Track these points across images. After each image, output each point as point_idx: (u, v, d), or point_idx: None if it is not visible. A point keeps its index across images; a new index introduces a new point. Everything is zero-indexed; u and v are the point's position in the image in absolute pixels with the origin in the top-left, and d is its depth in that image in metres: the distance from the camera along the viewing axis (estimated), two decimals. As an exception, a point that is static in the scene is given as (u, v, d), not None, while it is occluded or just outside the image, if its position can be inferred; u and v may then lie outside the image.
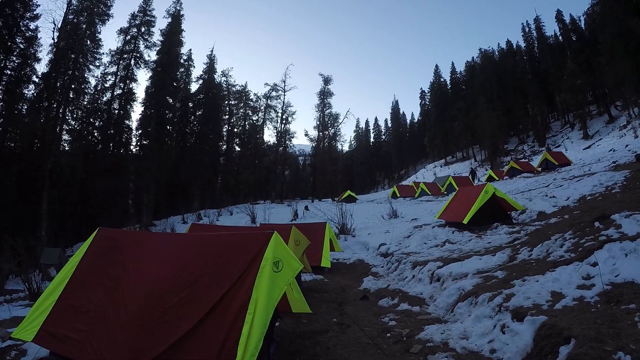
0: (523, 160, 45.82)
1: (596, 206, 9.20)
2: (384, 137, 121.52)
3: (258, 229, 6.58)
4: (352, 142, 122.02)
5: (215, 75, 52.95)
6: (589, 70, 55.42)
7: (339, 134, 58.64)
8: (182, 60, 48.01)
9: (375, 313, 6.55)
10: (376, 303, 7.26)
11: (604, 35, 44.34)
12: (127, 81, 40.31)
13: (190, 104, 49.73)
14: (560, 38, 68.27)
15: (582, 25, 64.09)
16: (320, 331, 5.59)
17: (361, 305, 7.15)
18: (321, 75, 54.69)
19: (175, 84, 45.44)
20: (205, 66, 52.62)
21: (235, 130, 55.98)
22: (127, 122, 40.62)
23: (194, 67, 51.06)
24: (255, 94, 57.07)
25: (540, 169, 31.27)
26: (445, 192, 32.94)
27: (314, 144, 54.22)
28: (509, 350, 4.09)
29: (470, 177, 39.02)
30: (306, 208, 29.37)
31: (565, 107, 63.30)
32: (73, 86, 35.91)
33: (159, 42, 43.28)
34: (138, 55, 41.39)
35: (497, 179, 32.71)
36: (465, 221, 11.44)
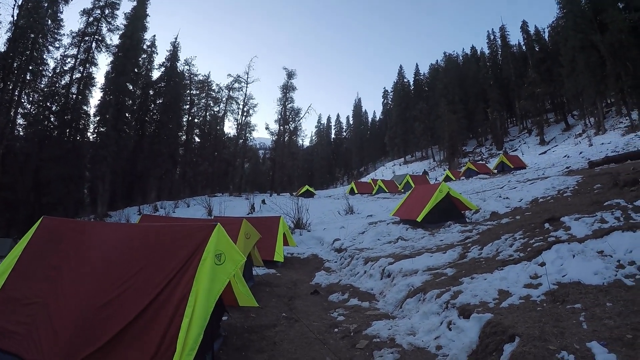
0: (480, 162, 47.45)
1: (547, 208, 9.48)
2: (345, 134, 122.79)
3: (208, 222, 6.46)
4: (313, 138, 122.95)
5: (178, 64, 51.38)
6: (549, 79, 58.64)
7: (300, 129, 58.94)
8: (145, 46, 46.31)
9: (325, 308, 6.54)
10: (326, 298, 7.24)
11: (566, 48, 47.17)
12: (87, 65, 38.36)
13: (151, 92, 47.98)
14: (523, 47, 71.89)
15: (546, 37, 68.31)
16: (268, 326, 5.53)
17: (311, 300, 7.14)
18: (285, 69, 54.41)
19: (136, 70, 43.80)
20: (168, 53, 51.01)
21: (196, 120, 54.66)
22: (85, 107, 38.73)
23: (157, 54, 49.61)
24: (217, 85, 55.89)
25: (496, 171, 32.41)
26: (402, 190, 33.57)
27: (274, 138, 53.72)
28: (454, 347, 4.09)
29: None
30: (263, 202, 29.33)
31: (524, 114, 66.69)
32: (30, 67, 34.03)
33: (122, 26, 41.46)
34: (100, 38, 39.44)
35: (454, 179, 33.64)
36: (419, 219, 11.63)
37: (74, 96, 37.92)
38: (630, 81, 37.15)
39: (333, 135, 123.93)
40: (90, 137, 40.34)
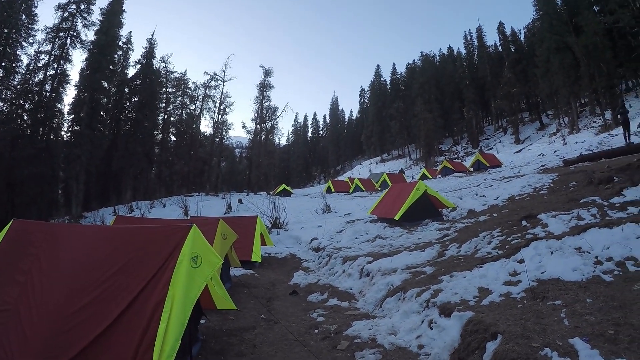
0: (456, 160, 48.13)
1: (524, 206, 9.67)
2: (321, 132, 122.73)
3: (184, 222, 6.38)
4: (290, 136, 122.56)
5: (154, 61, 50.06)
6: (524, 80, 60.26)
7: (277, 128, 58.28)
8: (120, 43, 44.94)
9: (304, 309, 6.52)
10: (305, 298, 7.21)
11: (542, 49, 48.45)
12: (62, 61, 36.97)
13: (126, 90, 46.72)
14: (499, 48, 73.58)
15: (522, 38, 70.13)
16: (247, 328, 5.48)
17: (290, 301, 7.12)
18: (262, 67, 53.83)
19: (111, 67, 42.56)
20: (144, 50, 49.57)
21: (172, 119, 53.59)
22: (59, 105, 37.37)
23: (133, 50, 48.28)
24: (194, 83, 54.88)
25: (472, 169, 32.91)
26: (379, 189, 33.73)
27: (251, 137, 53.27)
28: (436, 346, 4.09)
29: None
30: (240, 201, 29.06)
31: (499, 113, 68.46)
32: (3, 64, 32.80)
33: (98, 22, 40.14)
34: (75, 34, 38.07)
35: (430, 177, 33.95)
36: (396, 217, 11.68)
37: (48, 94, 36.67)
38: (603, 82, 38.44)
39: (310, 134, 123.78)
40: (64, 136, 39.28)
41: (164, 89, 52.01)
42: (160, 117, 51.32)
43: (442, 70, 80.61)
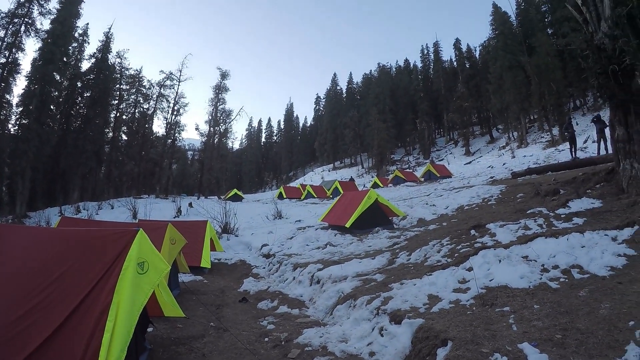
0: (407, 170, 49.45)
1: (473, 215, 10.01)
2: (275, 138, 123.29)
3: (131, 226, 6.16)
4: (243, 141, 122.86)
5: (109, 55, 48.33)
6: (477, 95, 63.87)
7: (231, 131, 57.78)
8: (76, 34, 43.12)
9: (254, 316, 6.47)
10: (255, 306, 7.16)
11: (495, 66, 51.74)
12: (14, 50, 34.99)
13: (79, 84, 44.70)
14: (455, 63, 77.45)
15: (477, 55, 74.05)
16: (196, 336, 5.38)
17: (240, 308, 7.05)
18: (219, 69, 53.66)
19: (65, 60, 40.62)
20: (100, 44, 47.74)
21: (124, 117, 51.69)
22: (7, 96, 35.30)
23: (89, 43, 46.19)
24: (149, 81, 53.41)
25: (423, 179, 33.75)
26: (331, 196, 33.94)
27: (204, 139, 52.54)
28: (387, 353, 4.12)
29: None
30: (190, 205, 28.70)
31: (451, 126, 71.47)
32: None
33: (55, 10, 38.26)
34: (30, 21, 36.10)
35: (381, 186, 34.61)
36: (347, 225, 11.78)
37: (-4, 83, 34.67)
38: (553, 100, 41.24)
39: (263, 139, 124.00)
40: (11, 130, 37.02)
41: (118, 86, 50.47)
42: (112, 115, 49.70)
43: (398, 82, 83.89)
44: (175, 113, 51.10)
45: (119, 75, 50.28)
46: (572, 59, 40.01)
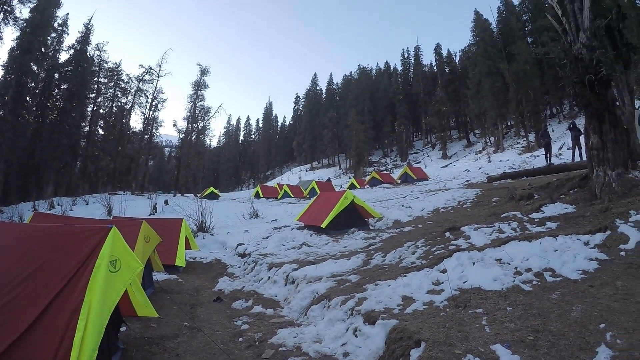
0: (385, 172, 49.81)
1: (448, 218, 10.14)
2: (253, 136, 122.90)
3: (105, 223, 6.08)
4: (221, 138, 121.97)
5: (88, 48, 47.16)
6: (455, 99, 65.41)
7: (209, 128, 57.13)
8: (56, 25, 42.00)
9: (229, 316, 6.41)
10: (230, 305, 7.09)
11: (475, 72, 52.96)
12: None
13: (56, 76, 43.41)
14: (435, 68, 78.92)
15: (457, 60, 75.84)
16: (169, 336, 5.31)
17: (214, 308, 6.98)
18: (199, 65, 52.90)
19: (43, 50, 39.36)
20: (79, 35, 46.45)
21: (101, 111, 50.66)
22: None
23: (68, 34, 45.12)
24: (127, 75, 52.27)
25: (399, 181, 33.98)
26: (308, 196, 33.92)
27: (181, 136, 51.88)
28: (361, 354, 4.12)
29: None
30: (166, 202, 28.44)
31: (429, 129, 72.58)
32: None
33: None
34: (9, 9, 34.73)
35: (358, 187, 34.87)
36: (323, 225, 11.80)
37: (-28, 73, 33.40)
38: (530, 107, 42.29)
39: (242, 137, 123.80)
40: None
41: (96, 79, 49.30)
42: (89, 108, 48.55)
43: (378, 84, 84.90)
44: (153, 108, 50.35)
45: (97, 68, 49.18)
46: (550, 68, 41.23)
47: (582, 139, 13.31)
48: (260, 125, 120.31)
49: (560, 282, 4.55)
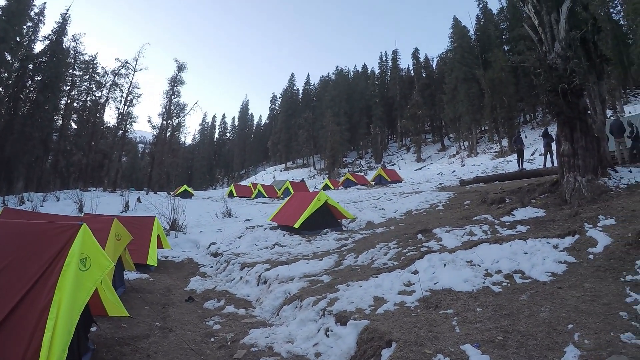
0: (359, 173, 50.31)
1: (421, 220, 10.26)
2: (229, 135, 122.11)
3: (75, 220, 5.96)
4: (196, 136, 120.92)
5: (64, 39, 45.91)
6: (431, 103, 67.03)
7: (184, 125, 56.81)
8: (32, 13, 40.75)
9: (201, 316, 6.37)
10: (202, 305, 7.05)
11: (451, 77, 54.44)
12: None
13: (30, 66, 42.03)
14: (412, 72, 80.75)
15: (434, 65, 77.67)
16: (140, 336, 5.24)
17: (186, 308, 6.91)
18: (176, 60, 52.32)
19: (18, 39, 38.32)
20: (56, 25, 45.06)
21: (75, 104, 49.28)
22: None
23: (44, 23, 43.56)
24: (103, 68, 51.16)
25: (373, 182, 34.43)
26: (282, 196, 33.83)
27: (156, 132, 50.92)
28: (333, 354, 4.13)
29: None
30: (138, 200, 27.95)
31: (404, 132, 73.65)
32: None
33: None
34: None
35: (332, 188, 35.06)
36: (296, 225, 11.81)
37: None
38: (504, 113, 43.67)
39: (217, 135, 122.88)
40: None
41: (71, 71, 47.88)
42: (62, 102, 47.05)
43: (355, 86, 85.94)
44: (128, 103, 49.50)
45: (72, 60, 47.87)
46: (525, 76, 42.56)
47: (554, 145, 13.69)
48: (236, 123, 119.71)
49: (529, 283, 4.65)
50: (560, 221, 6.63)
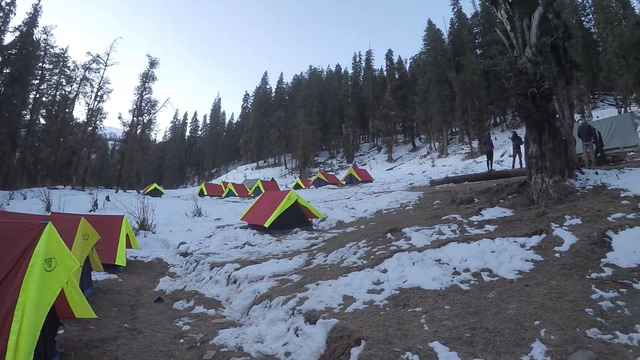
0: (330, 173, 50.41)
1: (390, 220, 10.36)
2: (200, 133, 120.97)
3: (41, 219, 5.77)
4: (167, 133, 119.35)
5: (35, 30, 44.41)
6: (403, 104, 67.76)
7: (155, 122, 55.68)
8: (3, 3, 39.32)
9: (170, 317, 6.27)
10: (171, 306, 6.93)
11: (423, 79, 55.10)
12: None
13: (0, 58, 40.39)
14: (385, 73, 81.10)
15: (407, 67, 78.97)
16: (109, 338, 5.12)
17: (155, 309, 6.80)
18: (148, 56, 51.58)
19: None
20: (27, 17, 43.63)
21: (44, 99, 47.83)
22: None
23: (15, 14, 42.13)
24: (74, 62, 49.80)
25: (344, 182, 34.63)
26: (252, 195, 33.62)
27: (126, 129, 49.96)
28: (303, 353, 4.14)
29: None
30: (107, 198, 27.38)
31: (376, 132, 74.25)
32: None
33: None
34: None
35: (303, 187, 35.08)
36: (266, 224, 11.77)
37: None
38: (474, 115, 44.65)
39: (188, 133, 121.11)
40: None
41: (41, 64, 46.50)
42: (31, 96, 45.66)
43: (328, 86, 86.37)
44: (98, 99, 48.26)
45: (42, 53, 46.48)
46: (496, 79, 43.55)
47: (522, 147, 14.03)
48: (208, 121, 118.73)
49: (497, 281, 4.75)
50: (527, 221, 6.79)
